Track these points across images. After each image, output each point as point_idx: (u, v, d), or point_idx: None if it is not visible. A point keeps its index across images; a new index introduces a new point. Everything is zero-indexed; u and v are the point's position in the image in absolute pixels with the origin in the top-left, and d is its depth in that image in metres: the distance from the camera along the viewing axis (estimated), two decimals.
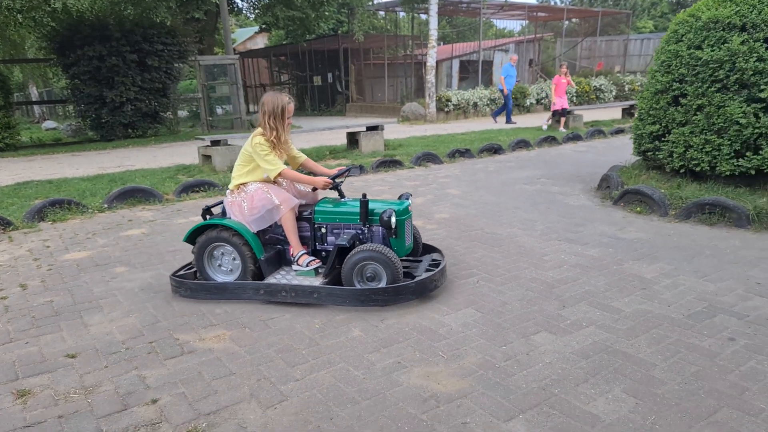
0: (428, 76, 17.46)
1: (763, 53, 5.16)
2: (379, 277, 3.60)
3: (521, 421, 2.37)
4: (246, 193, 3.79)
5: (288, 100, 3.80)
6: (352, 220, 3.81)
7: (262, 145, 3.72)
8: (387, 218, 3.62)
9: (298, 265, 3.81)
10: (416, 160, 8.84)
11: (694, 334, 3.10)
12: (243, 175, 3.86)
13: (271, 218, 3.76)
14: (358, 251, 3.56)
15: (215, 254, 3.84)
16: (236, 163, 3.93)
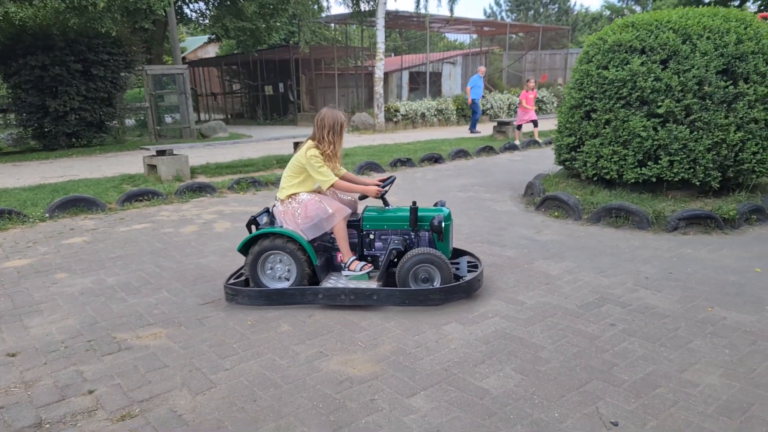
0: (376, 87, 17.93)
1: (659, 73, 5.77)
2: (432, 278, 3.86)
3: (422, 396, 2.73)
4: (299, 202, 3.93)
5: (344, 117, 4.03)
6: (402, 226, 4.06)
7: (316, 157, 3.88)
8: (437, 224, 3.91)
9: (349, 270, 4.00)
10: (358, 169, 9.19)
11: (582, 321, 3.55)
12: (294, 185, 3.99)
13: (326, 226, 3.93)
14: (414, 255, 3.80)
15: (268, 262, 3.94)
16: (285, 174, 4.07)
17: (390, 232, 4.08)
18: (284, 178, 4.06)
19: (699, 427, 2.47)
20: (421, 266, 3.82)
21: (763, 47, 5.72)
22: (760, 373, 2.90)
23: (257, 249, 3.87)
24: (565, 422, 2.52)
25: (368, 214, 4.11)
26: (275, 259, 3.93)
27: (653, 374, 2.91)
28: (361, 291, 3.77)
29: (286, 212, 3.95)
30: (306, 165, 3.90)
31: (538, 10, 46.56)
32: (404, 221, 4.05)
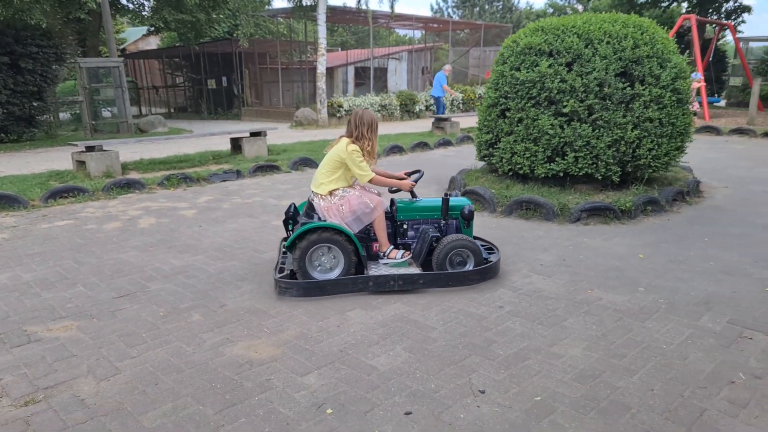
0: (318, 82, 18.03)
1: (565, 75, 6.20)
2: (466, 261, 4.24)
3: (315, 375, 2.99)
4: (340, 198, 4.16)
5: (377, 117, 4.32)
6: (434, 216, 4.43)
7: (357, 152, 4.12)
8: (468, 212, 4.40)
9: (389, 258, 4.30)
10: (293, 164, 9.36)
11: (474, 305, 3.89)
12: (332, 181, 4.20)
13: (368, 219, 4.18)
14: (452, 240, 4.17)
15: (315, 255, 4.10)
16: (321, 170, 4.24)
17: (422, 222, 4.46)
18: (321, 174, 4.24)
19: (553, 391, 2.82)
20: (458, 251, 4.21)
21: (657, 51, 6.24)
22: (618, 345, 3.30)
23: (306, 243, 4.02)
24: (440, 392, 2.82)
25: (401, 205, 4.45)
26: (321, 252, 4.11)
27: (526, 349, 3.26)
28: (408, 276, 4.08)
29: (330, 207, 4.15)
30: (347, 160, 4.12)
31: (483, 7, 47.49)
32: (436, 211, 4.44)
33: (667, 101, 6.17)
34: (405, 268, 4.26)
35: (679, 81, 6.28)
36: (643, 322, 3.58)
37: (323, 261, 4.15)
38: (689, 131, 6.72)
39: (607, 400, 2.74)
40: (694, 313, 3.70)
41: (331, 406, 2.70)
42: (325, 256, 4.14)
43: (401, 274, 4.09)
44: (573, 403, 2.73)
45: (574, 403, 2.73)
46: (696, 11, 23.31)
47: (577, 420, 2.59)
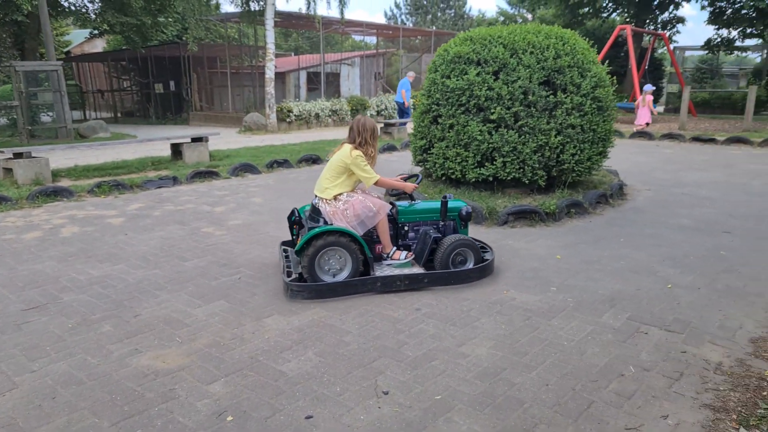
0: (267, 87, 17.92)
1: (492, 84, 6.39)
2: (466, 260, 4.46)
3: (221, 383, 2.99)
4: (344, 202, 4.27)
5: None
6: (434, 217, 4.63)
7: (362, 157, 4.27)
8: (465, 213, 4.63)
9: (393, 259, 4.43)
10: (233, 170, 9.28)
11: (392, 308, 3.96)
12: (337, 186, 4.32)
13: (371, 222, 4.30)
14: (454, 241, 4.38)
15: (324, 258, 4.18)
16: (325, 175, 4.36)
17: (422, 224, 4.64)
18: (325, 179, 4.36)
19: (454, 390, 2.92)
20: (459, 250, 4.42)
21: (578, 61, 6.50)
22: (522, 343, 3.43)
23: (314, 249, 4.10)
24: (344, 395, 2.88)
25: (402, 208, 4.62)
26: (329, 255, 4.19)
27: (435, 349, 3.35)
28: (414, 275, 4.26)
29: (336, 212, 4.27)
30: (351, 165, 4.26)
31: (435, 14, 48.19)
32: (436, 213, 4.64)
33: (588, 109, 6.43)
34: (408, 268, 4.42)
35: (598, 89, 6.56)
36: (550, 321, 3.74)
37: (331, 264, 4.24)
38: (610, 137, 7.01)
39: (503, 396, 2.85)
40: (597, 311, 3.88)
41: (233, 413, 2.71)
42: (333, 259, 4.23)
43: (407, 274, 4.27)
44: (471, 400, 2.83)
45: (472, 400, 2.83)
46: (633, 22, 24.28)
47: (472, 416, 2.69)
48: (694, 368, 3.13)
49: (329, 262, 4.22)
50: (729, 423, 2.63)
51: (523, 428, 2.60)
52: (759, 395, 2.86)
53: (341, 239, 4.15)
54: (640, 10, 23.84)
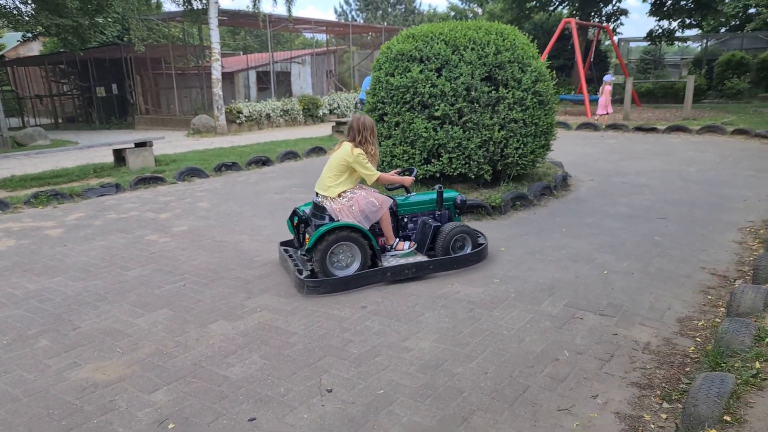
0: (215, 89, 17.62)
1: (435, 80, 6.49)
2: (464, 246, 4.74)
3: (164, 391, 2.97)
4: (348, 199, 4.43)
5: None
6: (430, 208, 4.88)
7: (363, 155, 4.41)
8: (460, 201, 4.96)
9: (396, 250, 4.64)
10: (179, 175, 9.10)
11: (338, 307, 4.00)
12: (340, 184, 4.47)
13: (375, 217, 4.48)
14: (453, 228, 4.65)
15: (334, 254, 4.30)
16: (327, 174, 4.50)
17: (419, 214, 4.88)
18: (327, 178, 4.50)
19: (397, 383, 2.98)
20: (458, 237, 4.69)
21: (518, 57, 6.67)
22: (464, 334, 3.53)
23: (326, 244, 4.21)
24: (288, 395, 2.90)
25: (401, 201, 4.83)
26: (339, 250, 4.33)
27: (379, 345, 3.41)
28: (420, 263, 4.50)
29: (342, 209, 4.41)
30: (353, 163, 4.41)
31: (386, 10, 48.27)
32: (433, 203, 4.89)
33: (530, 103, 6.61)
34: (413, 257, 4.63)
35: (539, 84, 6.75)
36: (492, 311, 3.85)
37: (341, 258, 4.37)
38: (552, 131, 7.23)
39: (444, 387, 2.94)
40: (537, 299, 4.02)
41: (175, 420, 2.70)
42: (343, 254, 4.36)
43: (413, 263, 4.49)
44: (413, 392, 2.90)
45: (414, 392, 2.90)
46: (579, 15, 24.99)
47: (413, 408, 2.76)
48: (624, 349, 3.29)
49: (339, 256, 4.36)
50: (653, 399, 2.79)
51: (461, 416, 2.69)
52: (682, 371, 3.03)
53: (351, 234, 4.30)
54: (585, 3, 24.54)
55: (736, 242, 5.21)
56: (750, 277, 4.29)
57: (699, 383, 2.63)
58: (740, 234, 5.46)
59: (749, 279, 4.26)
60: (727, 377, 2.67)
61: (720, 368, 2.90)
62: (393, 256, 4.64)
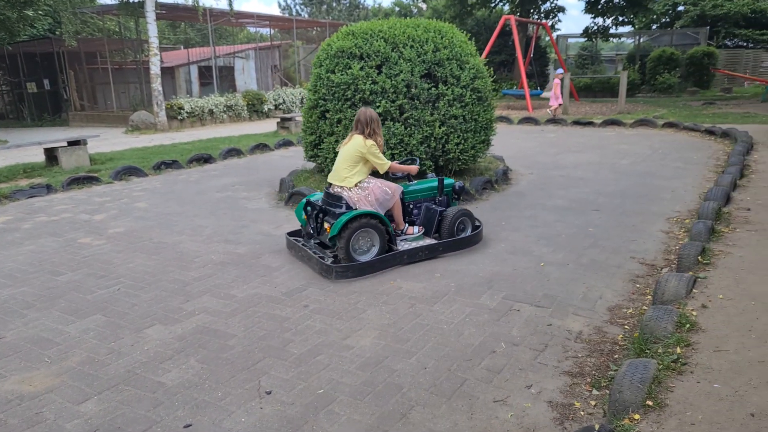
0: (154, 84, 17.06)
1: (376, 77, 6.51)
2: (465, 228, 5.12)
3: (94, 401, 2.87)
4: (364, 188, 4.73)
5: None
6: (432, 194, 5.21)
7: (375, 146, 4.73)
8: (459, 188, 5.36)
9: (407, 235, 4.98)
10: (116, 174, 8.78)
11: (280, 307, 3.97)
12: (355, 174, 4.75)
13: (388, 204, 4.79)
14: (456, 212, 5.02)
15: (355, 240, 4.51)
16: (341, 166, 4.76)
17: (423, 200, 5.20)
18: (343, 169, 4.77)
19: (337, 382, 2.99)
20: (461, 220, 5.07)
21: (457, 54, 6.78)
22: (405, 330, 3.57)
23: (350, 231, 4.43)
24: (225, 399, 2.86)
25: (406, 188, 5.08)
26: (360, 236, 4.55)
27: (320, 344, 3.41)
28: (431, 246, 4.87)
29: (360, 198, 4.68)
30: (367, 154, 4.71)
31: (330, 5, 47.95)
32: (434, 190, 5.22)
33: (469, 99, 6.73)
34: (422, 240, 5.00)
35: (477, 80, 6.88)
36: (432, 306, 3.91)
37: (361, 244, 4.60)
38: (491, 126, 7.39)
39: (384, 384, 2.97)
40: (476, 293, 4.11)
41: (105, 431, 2.62)
42: (363, 240, 4.60)
43: (426, 245, 4.85)
44: (352, 390, 2.91)
45: (354, 390, 2.91)
46: (519, 12, 25.59)
47: (352, 406, 2.78)
48: (558, 339, 3.41)
49: (359, 242, 4.59)
50: (584, 386, 2.91)
51: (400, 412, 2.72)
52: (611, 358, 3.17)
53: (371, 221, 4.55)
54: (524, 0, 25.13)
55: (663, 232, 5.48)
56: (675, 265, 4.53)
57: (624, 370, 2.76)
58: (668, 224, 5.74)
59: (675, 267, 4.49)
60: (650, 363, 2.81)
61: (645, 354, 3.05)
62: (404, 240, 4.94)
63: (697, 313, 3.47)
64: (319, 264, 4.55)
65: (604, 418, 2.62)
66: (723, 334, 3.20)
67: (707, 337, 3.18)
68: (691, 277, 3.94)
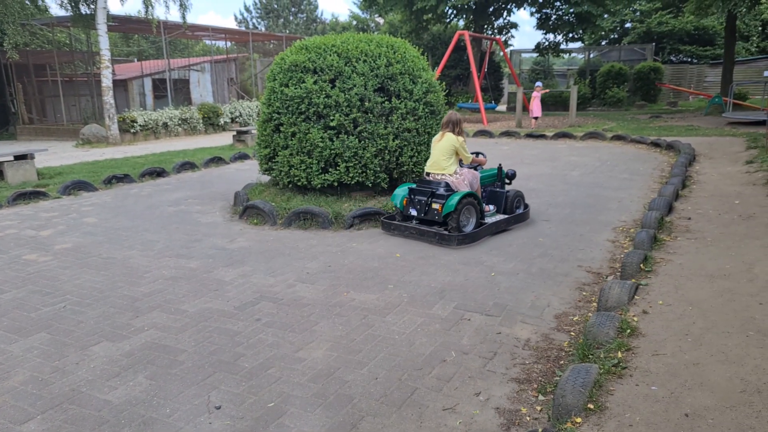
0: (105, 96, 16.66)
1: (329, 91, 6.56)
2: (519, 206, 6.44)
3: (37, 420, 2.79)
4: (459, 174, 5.89)
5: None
6: (494, 179, 6.46)
7: (464, 141, 5.93)
8: (511, 174, 6.63)
9: (485, 212, 6.04)
10: (65, 189, 8.52)
11: (231, 321, 3.94)
12: (452, 164, 5.88)
13: (475, 187, 5.94)
14: (515, 194, 6.37)
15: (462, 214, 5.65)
16: (440, 158, 5.86)
17: (488, 185, 6.41)
18: (441, 160, 5.87)
19: (288, 395, 2.99)
20: (518, 200, 6.39)
21: (409, 69, 6.90)
22: (357, 342, 3.59)
23: (461, 207, 5.57)
24: (174, 415, 2.82)
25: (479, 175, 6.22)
26: (463, 212, 5.66)
27: (272, 358, 3.40)
28: (505, 220, 6.11)
29: (459, 182, 5.82)
30: (459, 148, 5.85)
31: (287, 18, 47.93)
32: (495, 177, 6.48)
33: (422, 113, 6.86)
34: (496, 216, 6.16)
35: (430, 95, 7.02)
36: (385, 317, 3.95)
37: (462, 220, 5.66)
38: None
39: (335, 395, 2.98)
40: (429, 303, 4.18)
41: None
42: (464, 216, 5.70)
43: (503, 219, 6.07)
44: (303, 402, 2.92)
45: (304, 402, 2.92)
46: (473, 27, 26.18)
47: (302, 418, 2.78)
48: (506, 347, 3.50)
49: (464, 217, 5.68)
50: (530, 392, 2.99)
51: (350, 423, 2.74)
52: (557, 364, 3.28)
53: (472, 200, 5.72)
54: (478, 16, 25.74)
55: (609, 241, 5.69)
56: (620, 273, 4.71)
57: (567, 375, 2.86)
58: (614, 233, 5.96)
59: (619, 275, 4.67)
60: (592, 368, 2.92)
61: (588, 360, 3.17)
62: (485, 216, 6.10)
63: (638, 319, 3.63)
64: (438, 236, 5.62)
65: (548, 422, 2.71)
66: (661, 339, 3.35)
67: (647, 341, 3.33)
68: (634, 284, 4.11)
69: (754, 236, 5.31)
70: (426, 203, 5.75)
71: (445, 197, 5.61)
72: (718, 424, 2.50)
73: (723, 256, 4.77)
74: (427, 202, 5.75)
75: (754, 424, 2.49)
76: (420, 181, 5.96)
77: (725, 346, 3.20)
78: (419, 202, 5.82)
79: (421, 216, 5.83)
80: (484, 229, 5.81)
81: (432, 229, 5.70)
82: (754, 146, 11.02)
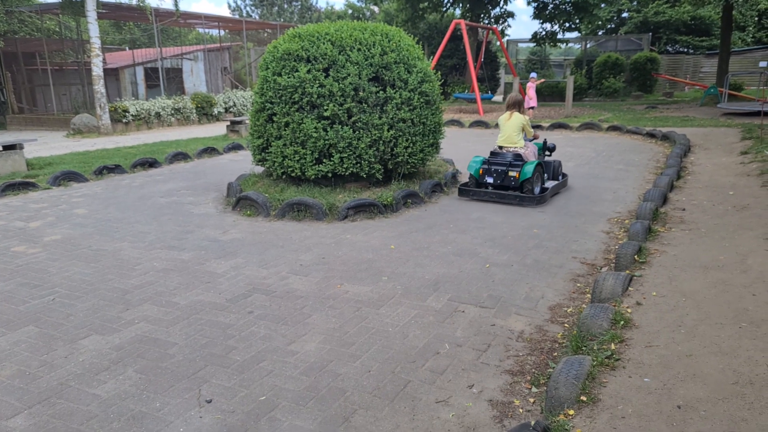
0: (96, 86, 16.47)
1: (323, 80, 6.49)
2: (560, 174, 7.56)
3: (24, 415, 2.75)
4: (527, 147, 7.01)
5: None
6: (541, 152, 7.37)
7: (528, 119, 7.08)
8: (552, 146, 7.63)
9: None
10: (54, 180, 8.43)
11: (223, 313, 3.90)
12: (521, 138, 7.02)
13: (537, 159, 7.02)
14: (557, 163, 7.49)
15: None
16: (511, 133, 6.99)
17: (540, 156, 7.31)
18: (513, 135, 6.99)
19: (280, 388, 2.96)
20: (559, 168, 7.51)
21: (404, 58, 6.83)
22: (350, 334, 3.56)
23: (536, 174, 6.74)
24: (164, 409, 2.79)
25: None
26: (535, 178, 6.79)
27: (264, 351, 3.36)
28: (558, 184, 7.34)
29: (528, 154, 6.96)
30: (525, 124, 7.00)
31: (282, 6, 47.51)
32: (542, 149, 7.40)
33: (417, 103, 6.79)
34: (549, 182, 7.26)
35: (425, 84, 6.96)
36: (378, 309, 3.92)
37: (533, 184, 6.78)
38: (440, 129, 7.48)
39: (327, 388, 2.95)
40: (423, 295, 4.15)
41: None
42: (535, 181, 6.76)
43: (556, 184, 7.25)
44: (295, 396, 2.89)
45: (297, 396, 2.89)
46: (470, 16, 26.01)
47: (294, 412, 2.75)
48: (500, 339, 3.48)
49: (534, 182, 6.76)
50: (524, 385, 2.97)
51: (342, 416, 2.72)
52: (550, 356, 3.26)
53: (541, 168, 6.92)
54: (475, 5, 25.56)
55: (604, 232, 5.67)
56: (614, 264, 4.69)
57: (560, 367, 2.84)
58: (608, 224, 5.94)
59: (613, 266, 4.66)
60: (585, 359, 2.91)
61: (581, 351, 3.15)
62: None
63: (632, 310, 3.61)
64: (518, 198, 6.68)
65: (541, 414, 2.69)
66: (655, 330, 3.33)
67: (640, 333, 3.31)
68: (628, 275, 4.09)
69: (748, 227, 5.30)
70: (503, 172, 6.76)
71: (519, 166, 6.71)
72: (710, 416, 2.49)
73: (717, 247, 4.75)
74: (505, 171, 6.75)
75: (746, 415, 2.47)
76: (493, 153, 7.09)
77: (718, 338, 3.18)
78: (496, 171, 6.82)
79: (497, 183, 6.83)
80: (549, 193, 6.93)
81: (510, 193, 6.76)
82: (749, 137, 11.02)
